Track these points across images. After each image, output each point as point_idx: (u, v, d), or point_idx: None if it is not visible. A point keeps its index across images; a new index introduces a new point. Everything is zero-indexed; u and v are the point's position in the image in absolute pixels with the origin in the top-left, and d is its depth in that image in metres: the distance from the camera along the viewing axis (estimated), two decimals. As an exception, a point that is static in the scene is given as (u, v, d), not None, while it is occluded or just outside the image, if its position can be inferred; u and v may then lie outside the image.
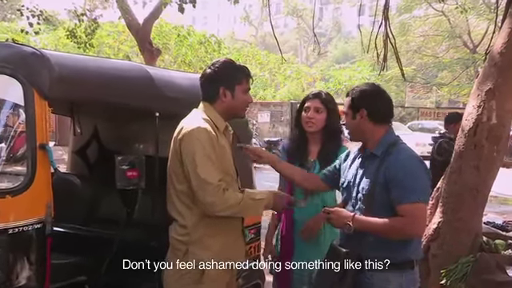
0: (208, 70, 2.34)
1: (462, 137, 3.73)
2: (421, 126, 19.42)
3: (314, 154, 2.86)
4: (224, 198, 2.15)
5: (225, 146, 2.30)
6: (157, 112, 2.76)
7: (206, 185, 2.12)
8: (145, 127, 3.07)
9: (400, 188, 2.10)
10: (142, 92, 2.75)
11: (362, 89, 2.32)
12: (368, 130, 2.26)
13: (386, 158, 2.17)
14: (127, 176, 2.78)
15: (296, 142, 2.92)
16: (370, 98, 2.27)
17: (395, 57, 4.52)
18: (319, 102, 2.85)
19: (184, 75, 3.41)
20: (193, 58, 19.52)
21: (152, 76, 2.83)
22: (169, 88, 2.89)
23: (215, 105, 2.31)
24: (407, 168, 2.13)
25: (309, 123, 2.83)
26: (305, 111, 2.85)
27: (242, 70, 2.36)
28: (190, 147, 2.16)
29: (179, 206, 2.26)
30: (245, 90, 2.34)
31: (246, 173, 3.05)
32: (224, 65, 2.32)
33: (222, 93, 2.29)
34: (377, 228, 2.12)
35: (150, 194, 2.81)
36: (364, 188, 2.21)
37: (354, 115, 2.27)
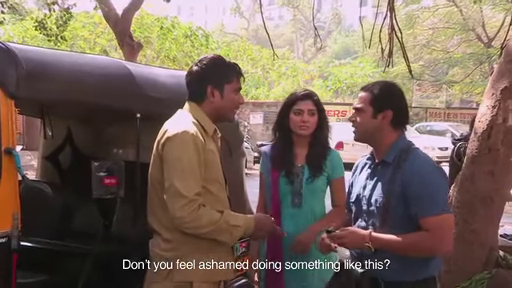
0: (195, 66, 2.33)
1: (475, 140, 3.76)
2: (429, 127, 19.55)
3: (301, 158, 2.88)
4: (196, 215, 2.12)
5: (213, 151, 2.29)
6: (138, 113, 2.75)
7: (179, 197, 2.11)
8: (124, 130, 3.06)
9: (421, 199, 2.08)
10: (121, 91, 2.74)
11: (386, 86, 2.30)
12: (384, 134, 2.24)
13: (400, 166, 2.15)
14: (104, 184, 2.76)
15: (281, 147, 2.92)
16: (396, 99, 2.26)
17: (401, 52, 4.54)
18: (312, 104, 2.87)
19: (168, 72, 3.41)
20: (178, 53, 19.52)
21: (132, 73, 2.83)
22: (151, 86, 2.88)
23: (202, 105, 2.30)
24: (426, 176, 2.12)
25: (303, 127, 2.84)
26: (295, 114, 2.86)
27: (233, 67, 2.36)
28: (173, 153, 2.16)
29: (163, 217, 2.24)
30: (235, 90, 2.33)
31: (236, 180, 3.05)
32: (212, 61, 2.32)
33: (210, 92, 2.28)
34: (400, 246, 2.08)
35: (131, 203, 2.80)
36: (377, 200, 2.19)
37: (375, 114, 2.22)
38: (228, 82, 2.30)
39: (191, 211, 2.11)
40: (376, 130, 2.24)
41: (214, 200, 2.26)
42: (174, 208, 2.12)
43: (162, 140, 2.20)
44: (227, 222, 2.20)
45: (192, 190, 2.12)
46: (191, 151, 2.15)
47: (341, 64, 31.62)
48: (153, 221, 2.30)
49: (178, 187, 2.11)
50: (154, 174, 2.26)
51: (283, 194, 2.86)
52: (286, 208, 2.85)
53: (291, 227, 2.81)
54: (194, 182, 2.14)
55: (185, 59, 19.59)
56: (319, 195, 2.88)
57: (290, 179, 2.85)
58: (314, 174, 2.83)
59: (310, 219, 2.84)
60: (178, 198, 2.11)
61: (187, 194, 2.11)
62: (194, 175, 2.15)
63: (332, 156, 2.90)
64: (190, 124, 2.21)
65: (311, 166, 2.84)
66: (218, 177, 2.32)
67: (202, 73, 2.29)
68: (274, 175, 2.88)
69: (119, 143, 3.42)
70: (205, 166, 2.20)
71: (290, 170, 2.85)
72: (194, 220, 2.13)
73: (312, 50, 38.85)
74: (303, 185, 2.83)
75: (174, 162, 2.14)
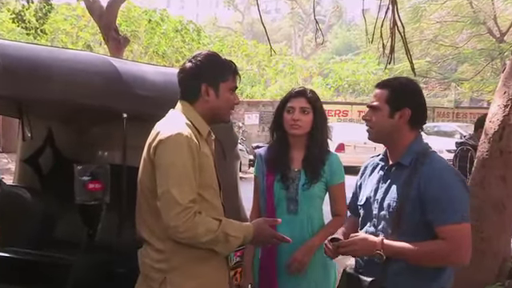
0: (188, 63, 2.34)
1: (486, 142, 3.77)
2: (437, 128, 19.60)
3: (298, 162, 2.88)
4: (192, 223, 2.12)
5: (207, 155, 2.29)
6: (124, 113, 2.75)
7: (174, 205, 2.11)
8: (110, 131, 3.06)
9: (439, 205, 2.08)
10: (106, 89, 2.74)
11: (404, 83, 2.30)
12: (401, 134, 2.24)
13: (417, 169, 2.16)
14: (88, 189, 2.76)
15: (276, 149, 2.92)
16: (415, 97, 2.27)
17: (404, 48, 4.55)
18: (305, 101, 2.86)
19: (157, 69, 3.41)
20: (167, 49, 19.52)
21: (118, 70, 2.83)
22: (139, 84, 2.89)
23: (196, 105, 2.31)
24: (446, 181, 2.12)
25: (294, 126, 2.84)
26: (288, 112, 2.87)
27: (229, 65, 2.37)
28: (166, 157, 2.15)
29: (155, 226, 2.24)
30: (231, 89, 2.35)
31: (230, 184, 3.05)
32: (207, 58, 2.33)
33: (205, 91, 2.29)
34: (414, 255, 2.09)
35: (117, 210, 2.79)
36: (390, 205, 2.19)
37: (392, 113, 2.22)
38: (224, 80, 2.31)
39: (186, 219, 2.11)
40: (393, 130, 2.24)
41: (208, 207, 2.27)
42: (168, 216, 2.12)
43: (154, 143, 2.20)
44: (225, 231, 2.20)
45: (187, 196, 2.13)
46: (186, 155, 2.15)
47: (342, 60, 31.68)
48: (143, 229, 2.30)
49: (173, 194, 2.11)
50: (144, 180, 2.26)
51: (278, 199, 2.86)
52: (281, 215, 2.84)
53: (287, 235, 2.81)
54: (189, 188, 2.15)
55: (175, 55, 19.60)
56: (317, 202, 2.88)
57: (285, 184, 2.85)
58: (310, 180, 2.83)
59: (307, 227, 2.84)
60: (173, 206, 2.11)
61: (182, 201, 2.11)
62: (189, 181, 2.15)
63: (331, 160, 2.90)
64: (183, 125, 2.21)
65: (308, 171, 2.84)
66: (211, 182, 2.32)
67: (197, 70, 2.30)
68: (269, 179, 2.89)
69: (104, 145, 3.42)
70: (199, 171, 2.21)
71: (285, 174, 2.85)
72: (190, 229, 2.13)
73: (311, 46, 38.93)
74: (299, 191, 2.83)
75: (168, 166, 2.14)
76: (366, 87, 26.43)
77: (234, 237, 2.23)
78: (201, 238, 2.16)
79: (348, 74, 26.69)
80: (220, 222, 2.21)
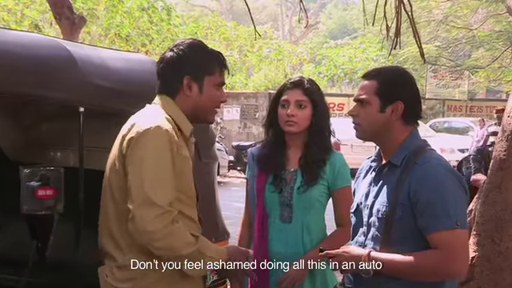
0: (169, 52, 2.36)
1: (503, 140, 3.81)
2: (447, 124, 19.81)
3: (295, 161, 2.90)
4: (170, 230, 2.13)
5: (187, 158, 2.31)
6: (81, 107, 2.74)
7: (152, 206, 2.11)
8: (64, 128, 3.05)
9: (430, 210, 2.12)
10: (57, 78, 2.72)
11: (395, 72, 2.36)
12: (394, 131, 2.29)
13: (409, 169, 2.20)
14: (38, 196, 2.75)
15: (270, 148, 2.94)
16: (409, 88, 2.31)
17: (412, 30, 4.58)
18: (301, 94, 2.88)
19: (120, 55, 3.40)
20: (132, 31, 19.39)
21: (73, 55, 2.81)
22: (98, 73, 2.87)
23: (177, 100, 2.33)
24: (438, 182, 2.16)
25: (289, 122, 2.85)
26: (282, 106, 2.88)
27: (216, 56, 2.40)
28: (141, 152, 2.16)
29: (121, 237, 2.24)
30: (217, 84, 2.38)
31: (206, 191, 3.06)
32: (191, 47, 2.35)
33: (187, 84, 2.31)
34: (403, 268, 2.13)
35: (72, 221, 2.78)
36: (379, 210, 2.23)
37: (383, 107, 2.26)
38: (209, 73, 2.34)
39: (164, 226, 2.12)
40: (384, 126, 2.28)
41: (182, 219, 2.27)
42: (144, 219, 2.11)
43: (129, 135, 2.21)
44: (200, 251, 2.22)
45: (166, 197, 2.14)
46: (165, 151, 2.17)
47: (337, 45, 31.79)
48: (107, 242, 2.29)
49: (150, 194, 2.11)
50: (113, 179, 2.26)
51: (270, 205, 2.87)
52: (274, 223, 2.86)
53: (280, 247, 2.83)
54: (168, 188, 2.16)
55: (141, 38, 19.47)
56: (316, 208, 2.88)
57: (277, 186, 2.86)
58: (307, 182, 2.84)
59: (304, 239, 2.85)
60: (150, 208, 2.11)
61: (160, 202, 2.12)
62: (168, 180, 2.17)
63: (334, 159, 2.91)
64: (163, 120, 2.23)
65: (305, 171, 2.85)
66: (188, 190, 2.33)
67: (178, 60, 2.32)
68: (260, 181, 2.90)
69: (57, 145, 3.41)
70: (176, 175, 2.22)
71: (278, 175, 2.87)
72: (167, 237, 2.13)
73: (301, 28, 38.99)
74: (294, 195, 2.84)
75: (145, 162, 2.15)
76: (366, 76, 26.57)
77: (210, 257, 2.25)
78: (175, 251, 2.17)
79: (344, 61, 26.79)
80: (197, 238, 2.23)
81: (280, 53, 26.18)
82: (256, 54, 25.44)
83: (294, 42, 33.85)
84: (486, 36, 21.13)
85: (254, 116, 20.98)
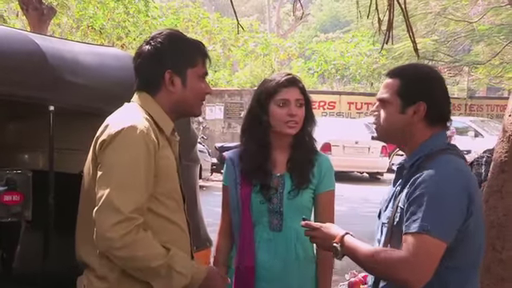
0: (146, 46, 2.35)
1: (505, 141, 3.84)
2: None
3: (281, 166, 2.90)
4: (131, 239, 2.12)
5: (169, 158, 2.31)
6: (51, 105, 2.73)
7: (112, 212, 2.10)
8: (32, 128, 3.03)
9: (408, 212, 2.15)
10: (25, 74, 2.72)
11: (421, 71, 2.36)
12: (414, 132, 2.30)
13: (416, 173, 2.21)
14: (3, 202, 2.74)
15: (253, 153, 2.91)
16: (434, 88, 2.31)
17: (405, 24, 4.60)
18: (299, 92, 2.88)
19: (93, 49, 3.39)
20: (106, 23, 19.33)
21: (41, 49, 2.81)
22: (70, 69, 2.87)
23: (158, 96, 2.33)
24: (428, 184, 2.15)
25: (291, 122, 2.84)
26: (279, 106, 2.86)
27: (197, 46, 2.40)
28: (112, 155, 2.17)
29: None
30: (200, 76, 2.38)
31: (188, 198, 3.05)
32: (170, 39, 2.35)
33: (169, 79, 2.31)
34: (362, 258, 2.20)
35: (41, 229, 2.77)
36: (387, 215, 2.29)
37: (403, 108, 2.27)
38: (192, 65, 2.34)
39: (124, 233, 2.10)
40: (404, 128, 2.29)
41: (162, 225, 2.28)
42: (102, 226, 2.11)
43: (101, 138, 2.21)
44: (170, 265, 2.20)
45: (130, 204, 2.13)
46: (138, 153, 2.16)
47: (328, 39, 31.91)
48: (85, 251, 2.29)
49: (113, 199, 2.11)
50: (90, 186, 2.26)
51: (257, 214, 2.87)
52: (262, 232, 2.86)
53: (269, 258, 2.83)
54: (135, 193, 2.15)
55: (116, 30, 19.41)
56: (305, 215, 2.86)
57: (266, 196, 2.85)
58: (298, 186, 2.85)
59: (297, 248, 2.85)
60: (110, 214, 2.10)
61: (123, 208, 2.11)
62: (136, 185, 2.15)
63: (320, 162, 2.93)
64: (139, 119, 2.23)
65: (294, 174, 2.86)
66: (173, 192, 2.34)
67: (158, 54, 2.32)
68: (245, 190, 2.88)
69: (25, 146, 3.39)
70: (157, 177, 2.22)
71: (266, 183, 2.86)
72: (126, 246, 2.12)
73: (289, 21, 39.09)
74: (284, 201, 2.84)
75: (112, 165, 2.16)
76: (358, 73, 26.69)
77: (180, 274, 2.22)
78: (138, 263, 2.16)
79: (335, 56, 26.88)
80: (168, 251, 2.21)
81: (267, 47, 26.20)
82: (241, 48, 25.45)
83: (282, 36, 33.90)
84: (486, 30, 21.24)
85: (238, 115, 20.95)
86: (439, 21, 22.61)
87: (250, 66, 26.80)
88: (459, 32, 22.46)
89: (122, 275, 2.21)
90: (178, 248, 2.30)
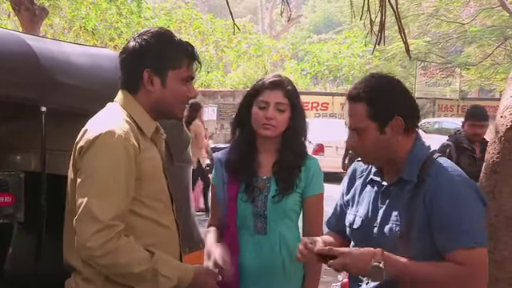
0: (132, 42, 2.32)
1: (497, 141, 3.85)
2: (438, 125, 19.98)
3: (267, 168, 2.89)
4: (112, 247, 2.10)
5: (154, 159, 2.29)
6: (43, 106, 2.72)
7: (91, 221, 2.08)
8: (24, 129, 3.02)
9: (448, 230, 2.14)
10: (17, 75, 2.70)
11: (381, 87, 2.28)
12: (398, 146, 2.27)
13: (422, 184, 2.20)
14: (-5, 204, 2.72)
15: (240, 152, 2.92)
16: (399, 97, 2.27)
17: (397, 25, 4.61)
18: (282, 96, 2.85)
19: (86, 50, 3.38)
20: (98, 24, 19.32)
21: (34, 50, 2.79)
22: (62, 69, 2.86)
23: (138, 95, 2.30)
24: (455, 199, 2.16)
25: (267, 125, 2.83)
26: (259, 107, 2.85)
27: (183, 47, 2.35)
28: (92, 161, 2.14)
29: None
30: (184, 79, 2.33)
31: (181, 199, 3.05)
32: (155, 37, 2.31)
33: (148, 78, 2.27)
34: (424, 275, 2.14)
35: (34, 231, 2.76)
36: (393, 229, 2.23)
37: (382, 129, 2.23)
38: (174, 66, 2.30)
39: (105, 242, 2.09)
40: (388, 147, 2.26)
41: (149, 228, 2.27)
42: (82, 235, 2.10)
43: (80, 144, 2.20)
44: (155, 268, 2.19)
45: (110, 211, 2.11)
46: (117, 159, 2.14)
47: (321, 40, 31.94)
48: (70, 255, 2.28)
49: (92, 207, 2.09)
50: (73, 191, 2.24)
51: (242, 216, 2.86)
52: (246, 235, 2.85)
53: (253, 261, 2.82)
54: (114, 200, 2.13)
55: (108, 32, 19.40)
56: (291, 218, 2.88)
57: (250, 196, 2.85)
58: (282, 191, 2.84)
59: (282, 251, 2.84)
60: (90, 223, 2.09)
61: (102, 216, 2.09)
62: (116, 192, 2.13)
63: (309, 165, 2.91)
64: (118, 122, 2.20)
65: (280, 179, 2.85)
66: (159, 193, 2.33)
67: (140, 51, 2.28)
68: (232, 190, 2.88)
69: (17, 147, 3.37)
70: (141, 180, 2.21)
71: (251, 183, 2.86)
72: (108, 254, 2.11)
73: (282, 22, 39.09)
74: (268, 204, 2.83)
75: (93, 172, 2.13)
76: (351, 74, 26.71)
77: (166, 277, 2.21)
78: (121, 269, 2.15)
79: (328, 57, 26.91)
80: (152, 255, 2.20)
81: (259, 48, 26.23)
82: (234, 49, 25.47)
83: (275, 37, 33.94)
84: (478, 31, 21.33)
85: (231, 116, 20.83)
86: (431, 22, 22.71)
87: (243, 67, 26.82)
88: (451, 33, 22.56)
89: (108, 278, 2.20)
90: (167, 250, 2.30)
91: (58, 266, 2.37)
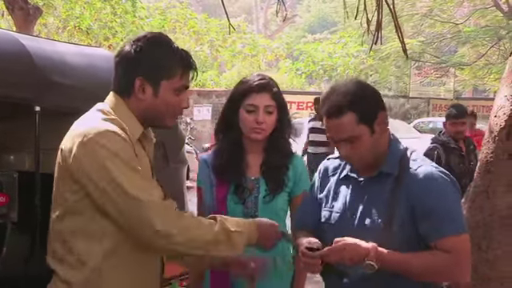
0: (127, 46, 2.25)
1: (490, 141, 3.86)
2: (432, 125, 19.93)
3: (255, 169, 2.88)
4: (182, 223, 2.11)
5: (141, 160, 2.22)
6: (37, 106, 2.71)
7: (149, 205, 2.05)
8: (18, 129, 3.01)
9: (436, 218, 2.21)
10: (10, 74, 2.70)
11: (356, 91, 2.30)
12: (382, 141, 2.35)
13: (403, 176, 2.27)
14: (-11, 204, 2.72)
15: (227, 154, 2.89)
16: (373, 92, 2.35)
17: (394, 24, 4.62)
18: (269, 98, 2.84)
19: (80, 50, 3.38)
20: (93, 23, 19.27)
21: (28, 49, 2.79)
22: (56, 69, 2.86)
23: (128, 101, 2.23)
24: (440, 189, 2.26)
25: (257, 129, 2.82)
26: (248, 111, 2.83)
27: (180, 56, 2.27)
28: (97, 161, 2.06)
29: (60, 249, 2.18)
30: (177, 89, 2.26)
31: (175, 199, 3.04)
32: (152, 43, 2.25)
33: (139, 86, 2.20)
34: (412, 267, 2.20)
35: (28, 231, 2.75)
36: (375, 221, 2.28)
37: (372, 129, 2.29)
38: (167, 76, 2.23)
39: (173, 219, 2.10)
40: (378, 144, 2.33)
41: None
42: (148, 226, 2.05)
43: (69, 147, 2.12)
44: (225, 228, 2.22)
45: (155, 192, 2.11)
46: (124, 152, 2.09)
47: (315, 40, 31.95)
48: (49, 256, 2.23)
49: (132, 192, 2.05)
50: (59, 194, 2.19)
51: (233, 216, 2.84)
52: None
53: None
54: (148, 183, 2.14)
55: (103, 31, 19.36)
56: (280, 217, 2.87)
57: (240, 197, 2.84)
58: (272, 190, 2.84)
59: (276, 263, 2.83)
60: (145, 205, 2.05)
61: (152, 197, 2.08)
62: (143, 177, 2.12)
63: (295, 163, 2.92)
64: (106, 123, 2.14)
65: (269, 179, 2.85)
66: None
67: (134, 58, 2.21)
68: (221, 192, 2.87)
69: (11, 147, 3.37)
70: None
71: (240, 184, 2.85)
72: (182, 230, 2.10)
73: (277, 21, 39.10)
74: (259, 205, 2.83)
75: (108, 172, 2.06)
76: (346, 73, 26.73)
77: (237, 232, 2.24)
78: (197, 241, 2.15)
79: (323, 57, 26.88)
80: (214, 219, 2.24)
81: (254, 48, 26.20)
82: (228, 49, 25.43)
83: (270, 37, 33.94)
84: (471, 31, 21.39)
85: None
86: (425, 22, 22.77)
87: (238, 66, 26.81)
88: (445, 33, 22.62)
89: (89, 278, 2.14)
90: None
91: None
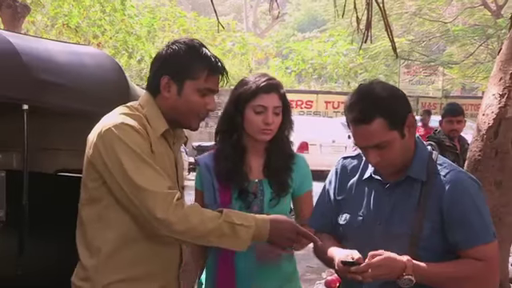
0: (165, 48, 2.40)
1: (479, 139, 3.87)
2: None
3: (258, 171, 2.83)
4: (182, 212, 2.17)
5: (163, 155, 2.33)
6: (25, 104, 2.70)
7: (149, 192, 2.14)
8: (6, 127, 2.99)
9: (468, 226, 2.18)
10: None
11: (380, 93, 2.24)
12: (411, 144, 2.30)
13: (432, 182, 2.23)
14: (-23, 203, 2.70)
15: (228, 156, 2.83)
16: (400, 95, 2.30)
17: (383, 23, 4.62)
18: (278, 99, 2.79)
19: (70, 48, 3.36)
20: (82, 21, 19.19)
21: (15, 47, 2.77)
22: (45, 67, 2.83)
23: (157, 98, 2.36)
24: (472, 196, 2.22)
25: (266, 131, 2.76)
26: (256, 112, 2.77)
27: (206, 60, 2.37)
28: (111, 150, 2.18)
29: (80, 235, 2.29)
30: (200, 90, 2.35)
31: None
32: (183, 47, 2.36)
33: (165, 84, 2.32)
34: (449, 278, 2.16)
35: (15, 230, 2.74)
36: (402, 228, 2.22)
37: (402, 132, 2.22)
38: (191, 77, 2.33)
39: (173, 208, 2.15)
40: (407, 148, 2.28)
41: None
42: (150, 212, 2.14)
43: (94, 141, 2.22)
44: (230, 221, 2.24)
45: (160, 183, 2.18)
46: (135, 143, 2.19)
47: (305, 38, 31.97)
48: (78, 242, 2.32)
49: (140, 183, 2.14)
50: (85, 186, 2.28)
51: None
52: None
53: (249, 262, 2.74)
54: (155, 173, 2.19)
55: (92, 29, 19.28)
56: None
57: (245, 201, 2.78)
58: (278, 193, 2.79)
59: None
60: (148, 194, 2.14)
61: (155, 188, 2.15)
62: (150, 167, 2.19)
63: (299, 164, 2.88)
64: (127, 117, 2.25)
65: (274, 182, 2.80)
66: None
67: (164, 58, 2.35)
68: (225, 196, 2.80)
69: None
70: None
71: (244, 188, 2.78)
72: (181, 219, 2.16)
73: (267, 20, 39.14)
74: (265, 208, 2.76)
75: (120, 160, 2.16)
76: (335, 72, 26.80)
77: (243, 226, 2.26)
78: (198, 230, 2.19)
79: (313, 56, 26.94)
80: (220, 212, 2.26)
81: (244, 46, 26.21)
82: (218, 47, 25.41)
83: (259, 35, 33.96)
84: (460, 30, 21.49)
85: (216, 114, 20.89)
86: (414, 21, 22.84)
87: (228, 65, 26.38)
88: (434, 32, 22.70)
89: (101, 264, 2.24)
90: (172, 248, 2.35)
91: (40, 264, 2.36)
